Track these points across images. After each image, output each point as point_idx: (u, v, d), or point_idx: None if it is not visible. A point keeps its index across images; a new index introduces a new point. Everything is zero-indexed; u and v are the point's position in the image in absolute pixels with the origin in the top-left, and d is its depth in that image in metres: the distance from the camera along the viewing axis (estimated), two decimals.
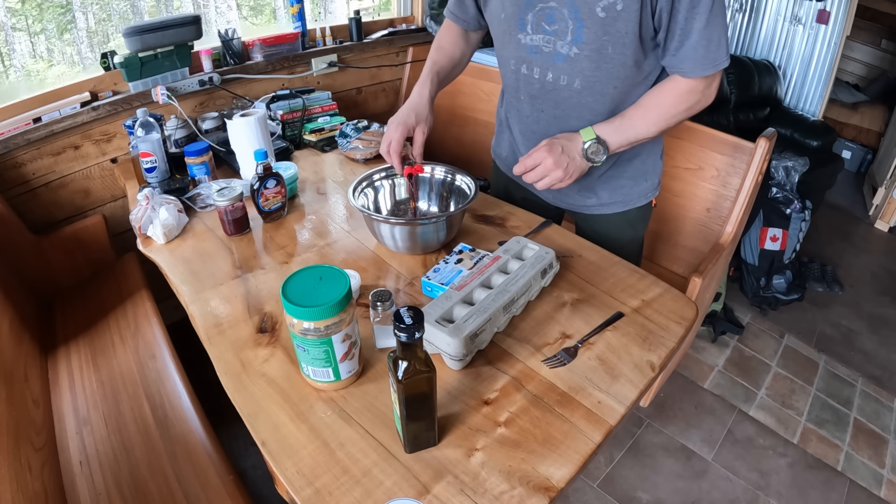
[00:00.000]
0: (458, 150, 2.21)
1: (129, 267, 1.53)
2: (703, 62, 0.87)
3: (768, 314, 2.24)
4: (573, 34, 0.90)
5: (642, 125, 0.93)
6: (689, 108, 0.93)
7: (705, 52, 0.85)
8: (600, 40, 0.88)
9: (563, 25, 0.90)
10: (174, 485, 0.95)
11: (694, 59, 0.87)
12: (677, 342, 0.84)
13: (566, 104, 0.99)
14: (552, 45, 0.93)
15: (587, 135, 0.93)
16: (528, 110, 1.06)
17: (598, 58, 0.90)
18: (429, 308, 0.79)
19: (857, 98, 3.59)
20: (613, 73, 0.92)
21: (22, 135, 1.43)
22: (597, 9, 0.85)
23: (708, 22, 0.82)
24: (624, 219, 1.15)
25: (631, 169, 1.09)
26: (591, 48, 0.90)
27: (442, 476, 0.64)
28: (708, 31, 0.83)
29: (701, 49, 0.85)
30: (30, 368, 1.15)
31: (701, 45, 0.84)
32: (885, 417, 1.79)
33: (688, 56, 0.86)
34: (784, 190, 2.25)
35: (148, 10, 1.90)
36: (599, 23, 0.86)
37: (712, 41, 0.84)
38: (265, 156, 1.14)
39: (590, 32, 0.88)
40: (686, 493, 1.52)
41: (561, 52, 0.93)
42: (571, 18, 0.88)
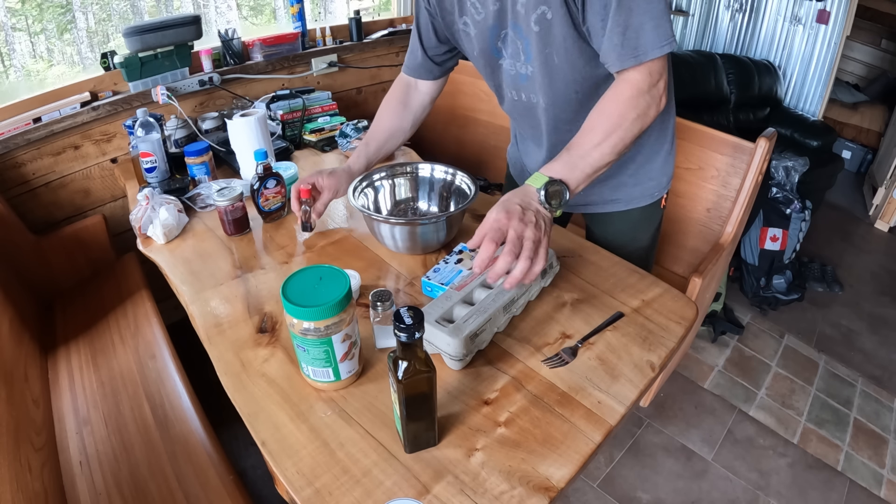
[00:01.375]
0: (458, 150, 2.21)
1: (129, 267, 1.54)
2: (621, 52, 0.78)
3: (768, 314, 2.24)
4: (524, 53, 0.89)
5: (594, 151, 0.81)
6: (640, 116, 0.81)
7: (621, 41, 0.77)
8: (544, 53, 0.86)
9: (516, 46, 0.90)
10: (174, 485, 0.95)
11: (609, 49, 0.79)
12: (677, 342, 0.84)
13: (543, 119, 0.99)
14: (516, 69, 0.94)
15: (537, 181, 0.79)
16: (523, 129, 1.09)
17: (547, 71, 0.89)
18: (429, 308, 0.79)
19: (857, 98, 3.60)
20: (569, 79, 0.89)
21: (22, 135, 1.43)
22: (531, 23, 0.84)
23: (620, 6, 0.75)
24: (627, 218, 1.13)
25: (632, 167, 1.06)
26: (539, 62, 0.88)
27: (442, 476, 0.64)
28: (620, 16, 0.75)
29: (616, 37, 0.77)
30: (30, 368, 1.15)
31: (615, 32, 0.76)
32: (885, 417, 1.79)
33: (608, 46, 0.79)
34: (784, 190, 2.25)
35: (148, 10, 1.90)
36: (537, 37, 0.84)
37: (630, 27, 0.76)
38: (265, 156, 1.14)
39: (534, 48, 0.87)
40: (686, 493, 1.52)
41: (522, 73, 0.93)
42: (518, 38, 0.88)
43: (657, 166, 1.08)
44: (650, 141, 1.03)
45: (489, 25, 0.91)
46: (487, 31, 0.92)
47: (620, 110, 0.80)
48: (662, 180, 1.10)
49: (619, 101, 0.81)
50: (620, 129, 0.80)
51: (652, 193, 1.10)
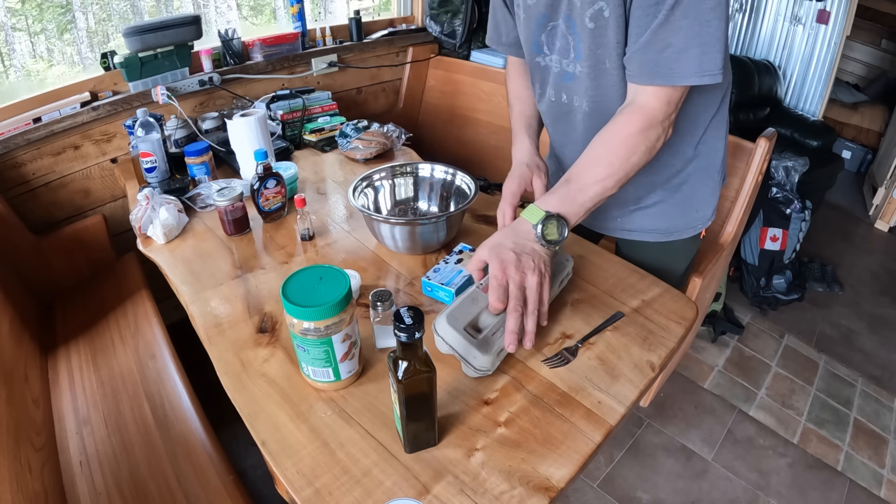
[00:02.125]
0: (458, 150, 2.21)
1: (129, 267, 1.54)
2: (653, 69, 0.71)
3: (768, 314, 2.24)
4: (574, 50, 0.82)
5: (596, 186, 0.76)
6: (649, 150, 0.76)
7: (657, 58, 0.70)
8: (595, 54, 0.79)
9: (565, 42, 0.82)
10: (174, 485, 0.95)
11: (641, 62, 0.72)
12: (677, 342, 0.84)
13: (580, 126, 0.91)
14: (562, 65, 0.86)
15: (534, 216, 0.75)
16: (556, 135, 1.00)
17: (596, 74, 0.82)
18: (455, 311, 0.75)
19: (857, 98, 3.60)
20: (617, 90, 0.81)
21: (22, 135, 1.43)
22: (586, 19, 0.76)
23: (667, 21, 0.68)
24: (666, 248, 1.03)
25: (679, 196, 0.96)
26: (589, 64, 0.81)
27: (442, 476, 0.64)
28: (665, 33, 0.68)
29: (652, 52, 0.70)
30: (30, 368, 1.15)
31: (654, 46, 0.70)
32: (885, 417, 1.79)
33: (639, 57, 0.72)
34: (784, 190, 2.25)
35: (148, 10, 1.91)
36: (590, 34, 0.77)
37: (671, 46, 0.69)
38: (265, 156, 1.14)
39: (585, 46, 0.80)
40: (686, 493, 1.52)
41: (568, 71, 0.86)
42: (570, 34, 0.81)
43: (704, 197, 0.99)
44: (698, 172, 0.95)
45: (538, 13, 0.84)
46: (534, 20, 0.85)
47: (630, 144, 0.75)
48: (707, 212, 1.02)
49: (630, 134, 0.75)
50: (628, 164, 0.75)
51: (695, 226, 1.02)
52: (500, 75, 2.04)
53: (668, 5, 0.67)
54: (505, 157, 1.29)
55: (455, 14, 2.21)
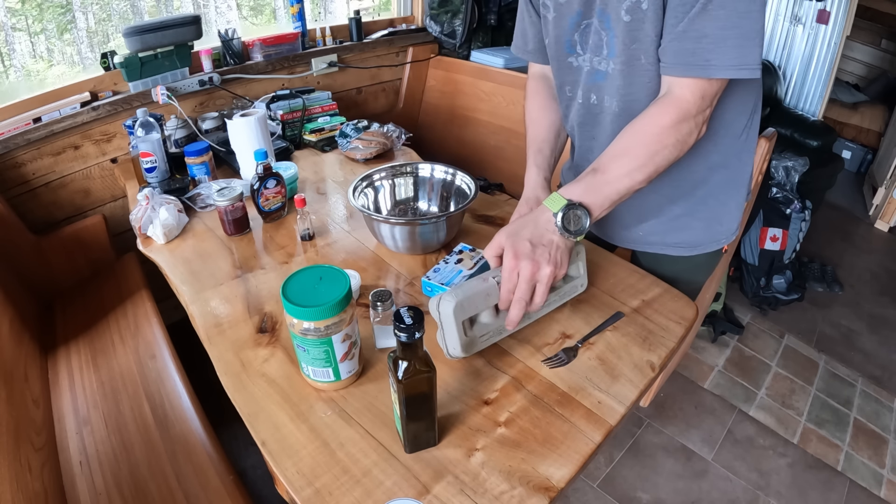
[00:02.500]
0: (458, 150, 2.21)
1: (129, 267, 1.54)
2: (689, 59, 0.69)
3: (768, 314, 2.24)
4: (607, 47, 0.79)
5: (625, 178, 0.74)
6: (679, 142, 0.73)
7: (694, 47, 0.68)
8: (630, 49, 0.76)
9: (599, 38, 0.79)
10: (174, 485, 0.95)
11: (676, 52, 0.70)
12: (677, 342, 0.84)
13: (609, 129, 0.87)
14: (594, 64, 0.83)
15: (555, 204, 0.73)
16: (581, 139, 0.95)
17: (630, 71, 0.78)
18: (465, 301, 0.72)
19: (857, 98, 3.59)
20: (650, 88, 0.78)
21: (22, 135, 1.43)
22: (621, 12, 0.73)
23: (704, 11, 0.66)
24: (686, 263, 0.99)
25: (705, 210, 0.92)
26: (622, 61, 0.78)
27: (442, 476, 0.64)
28: (702, 22, 0.67)
29: (689, 42, 0.68)
30: (30, 368, 1.15)
31: (690, 37, 0.68)
32: (885, 417, 1.79)
33: (675, 48, 0.70)
34: (784, 190, 2.25)
35: (148, 10, 1.91)
36: (627, 29, 0.74)
37: (707, 36, 0.67)
38: (265, 156, 1.14)
39: (619, 42, 0.76)
40: (686, 493, 1.52)
41: (600, 70, 0.82)
42: (603, 29, 0.78)
43: (730, 211, 0.95)
44: (726, 185, 0.91)
45: (572, 11, 0.81)
46: (567, 19, 0.82)
47: (661, 136, 0.72)
48: (732, 227, 0.97)
49: (661, 125, 0.73)
50: (658, 156, 0.73)
51: (719, 240, 0.97)
52: (501, 75, 2.04)
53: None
54: (505, 158, 1.29)
55: (455, 14, 2.21)
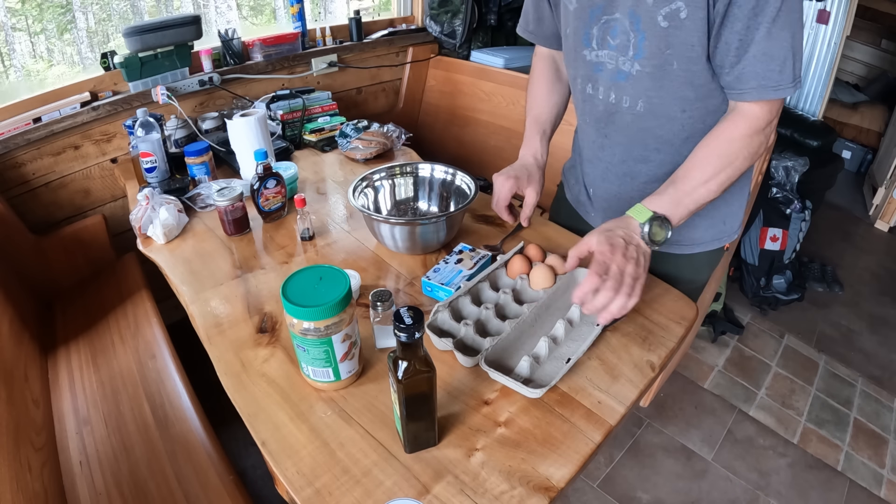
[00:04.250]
0: (458, 150, 2.21)
1: (129, 267, 1.54)
2: (762, 82, 0.72)
3: (768, 314, 2.24)
4: (634, 48, 0.79)
5: (701, 188, 0.77)
6: (751, 155, 0.77)
7: (764, 71, 0.71)
8: (663, 54, 0.76)
9: (625, 38, 0.79)
10: (174, 485, 0.95)
11: (749, 77, 0.72)
12: (677, 342, 0.84)
13: (629, 129, 0.88)
14: (615, 62, 0.82)
15: (641, 215, 0.76)
16: (594, 135, 0.95)
17: (660, 75, 0.79)
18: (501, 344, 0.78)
19: (857, 98, 3.59)
20: (679, 94, 0.80)
21: (22, 135, 1.43)
22: (658, 17, 0.74)
23: (769, 33, 0.68)
24: (689, 261, 1.00)
25: (711, 209, 0.90)
26: (653, 64, 0.78)
27: (442, 476, 0.64)
28: (768, 44, 0.69)
29: (759, 64, 0.71)
30: (30, 368, 1.15)
31: (759, 59, 0.70)
32: (885, 417, 1.79)
33: (746, 73, 0.72)
34: (784, 190, 2.25)
35: (148, 10, 1.91)
36: (661, 34, 0.75)
37: (774, 58, 0.70)
38: (265, 156, 1.14)
39: (651, 45, 0.76)
40: (686, 493, 1.52)
41: (623, 70, 0.82)
42: (633, 30, 0.77)
43: (733, 210, 0.97)
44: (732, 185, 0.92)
45: (593, 4, 0.81)
46: (588, 11, 0.82)
47: (735, 149, 0.76)
48: (734, 225, 0.99)
49: (735, 139, 0.76)
50: (731, 167, 0.76)
51: (721, 238, 0.99)
52: (501, 75, 2.04)
53: (769, 17, 0.68)
54: (505, 158, 1.29)
55: (455, 14, 2.21)
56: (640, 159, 0.90)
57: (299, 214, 1.08)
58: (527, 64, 2.10)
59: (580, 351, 0.77)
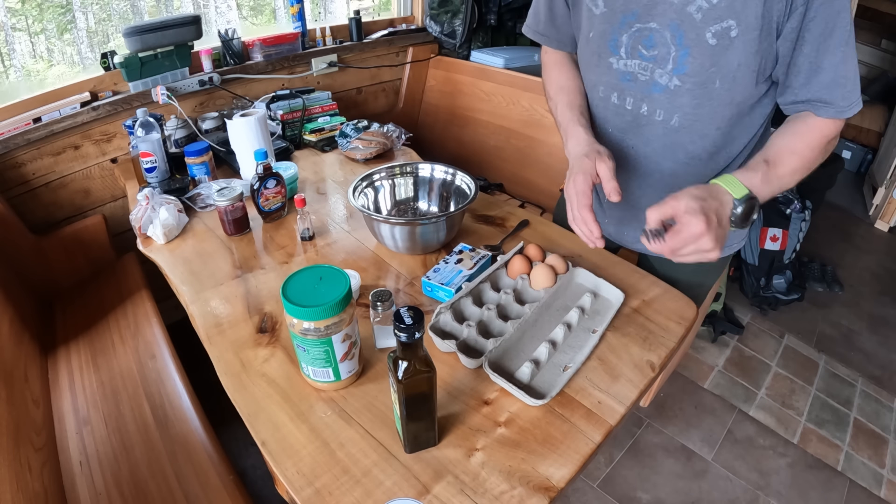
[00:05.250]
0: (458, 150, 2.21)
1: (129, 267, 1.54)
2: (840, 103, 0.72)
3: (768, 314, 2.24)
4: (675, 62, 0.76)
5: (787, 176, 0.74)
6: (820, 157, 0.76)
7: (842, 93, 0.71)
8: (707, 72, 0.74)
9: (665, 51, 0.76)
10: (174, 485, 0.95)
11: (828, 100, 0.72)
12: (677, 342, 0.84)
13: (659, 142, 0.85)
14: (649, 73, 0.79)
15: (738, 190, 0.70)
16: (616, 145, 0.91)
17: (701, 93, 0.77)
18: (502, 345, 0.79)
19: None
20: (718, 113, 0.79)
21: (22, 135, 1.43)
22: (706, 34, 0.71)
23: (844, 57, 0.69)
24: (695, 266, 0.97)
25: None
26: (694, 81, 0.76)
27: (442, 476, 0.64)
28: (845, 68, 0.70)
29: (837, 89, 0.71)
30: (30, 368, 1.15)
31: (837, 83, 0.71)
32: (885, 417, 1.79)
33: (820, 95, 0.72)
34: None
35: (148, 10, 1.91)
36: (708, 51, 0.73)
37: (849, 80, 0.71)
38: (265, 156, 1.14)
39: (695, 62, 0.74)
40: (686, 493, 1.52)
41: (660, 83, 0.79)
42: (674, 44, 0.75)
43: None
44: None
45: (625, 9, 0.78)
46: (619, 16, 0.79)
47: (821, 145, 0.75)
48: (742, 233, 0.99)
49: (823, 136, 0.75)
50: (811, 163, 0.76)
51: (730, 245, 0.98)
52: (501, 75, 2.04)
53: (843, 41, 0.68)
54: (505, 158, 1.29)
55: (455, 14, 2.21)
56: (669, 172, 0.88)
57: (299, 214, 1.09)
58: (527, 64, 2.11)
59: (578, 360, 0.78)
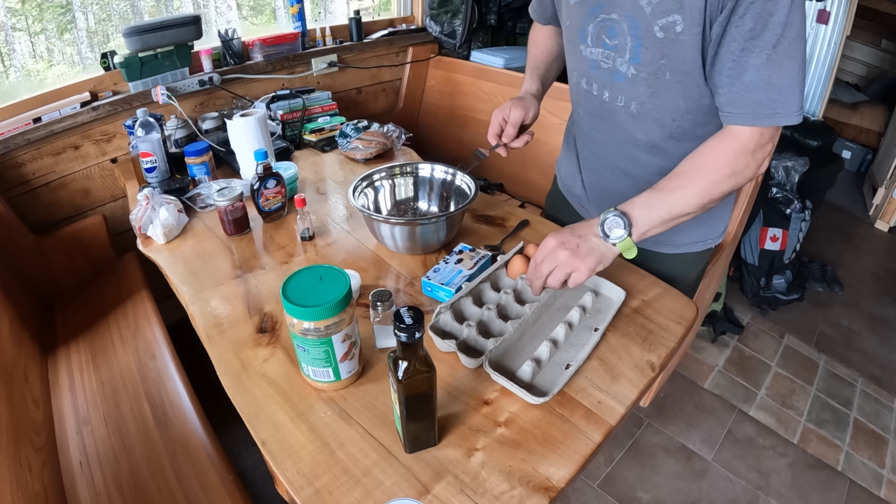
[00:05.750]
0: (458, 150, 2.21)
1: (129, 267, 1.54)
2: (757, 109, 0.70)
3: (768, 314, 2.24)
4: (631, 52, 0.79)
5: (678, 200, 0.75)
6: (734, 174, 0.74)
7: (762, 98, 0.69)
8: (657, 64, 0.77)
9: (623, 41, 0.79)
10: (174, 485, 0.95)
11: (747, 103, 0.71)
12: (677, 342, 0.84)
13: (621, 127, 0.89)
14: (611, 62, 0.83)
15: (606, 211, 0.76)
16: (588, 129, 0.98)
17: (654, 82, 0.79)
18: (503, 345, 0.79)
19: (857, 98, 3.59)
20: (671, 104, 0.81)
21: (22, 135, 1.43)
22: (654, 27, 0.74)
23: (770, 60, 0.67)
24: (677, 260, 1.02)
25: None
26: (647, 70, 0.79)
27: (442, 476, 0.64)
28: (769, 72, 0.68)
29: (757, 92, 0.69)
30: (30, 368, 1.15)
31: (757, 86, 0.69)
32: (885, 417, 1.79)
33: (738, 97, 0.71)
34: (784, 190, 2.25)
35: (148, 10, 1.91)
36: (657, 44, 0.75)
37: (775, 87, 0.69)
38: (265, 156, 1.14)
39: (647, 53, 0.77)
40: (686, 493, 1.52)
41: (620, 71, 0.83)
42: (630, 35, 0.78)
43: (718, 212, 0.98)
44: None
45: (593, 2, 0.81)
46: (587, 7, 0.82)
47: (718, 165, 0.74)
48: (720, 228, 1.01)
49: (719, 155, 0.75)
50: (711, 182, 0.75)
51: (706, 240, 1.01)
52: (501, 75, 2.04)
53: (770, 44, 0.66)
54: (505, 158, 1.29)
55: (455, 14, 2.21)
56: (631, 159, 0.92)
57: (299, 214, 1.09)
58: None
59: (580, 358, 0.78)
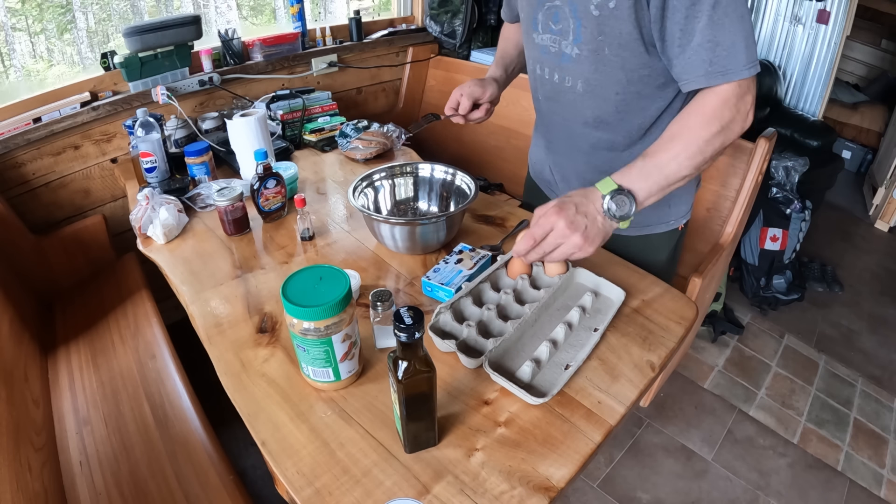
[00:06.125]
0: (458, 150, 2.21)
1: (129, 267, 1.54)
2: (708, 69, 0.73)
3: (768, 314, 2.24)
4: (574, 33, 0.85)
5: (671, 162, 0.76)
6: (723, 129, 0.75)
7: (710, 57, 0.73)
8: (596, 41, 0.83)
9: (566, 24, 0.86)
10: (174, 485, 0.95)
11: (696, 65, 0.74)
12: (677, 342, 0.84)
13: (571, 106, 0.95)
14: (558, 45, 0.89)
15: (605, 186, 0.75)
16: (546, 112, 1.04)
17: (596, 59, 0.85)
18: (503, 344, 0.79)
19: (857, 98, 3.59)
20: (613, 77, 0.86)
21: (22, 135, 1.43)
22: (591, 6, 0.80)
23: (711, 21, 0.70)
24: (645, 243, 1.06)
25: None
26: (589, 48, 0.85)
27: (442, 476, 0.64)
28: (712, 32, 0.71)
29: (704, 53, 0.73)
30: (30, 368, 1.15)
31: (703, 47, 0.72)
32: (885, 417, 1.79)
33: (692, 62, 0.74)
34: (784, 190, 2.25)
35: (148, 10, 1.91)
36: (594, 22, 0.81)
37: (720, 44, 0.71)
38: (265, 156, 1.14)
39: (587, 31, 0.83)
40: (686, 493, 1.52)
41: (566, 53, 0.89)
42: (572, 17, 0.84)
43: (677, 193, 0.96)
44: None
45: None
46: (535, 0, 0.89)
47: (703, 121, 0.75)
48: (682, 209, 1.04)
49: (703, 112, 0.76)
50: (701, 140, 0.75)
51: (668, 221, 1.04)
52: None
53: (709, 5, 0.70)
54: (505, 158, 1.30)
55: (455, 14, 2.21)
56: (582, 136, 0.97)
57: (299, 214, 1.09)
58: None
59: (579, 358, 0.78)
